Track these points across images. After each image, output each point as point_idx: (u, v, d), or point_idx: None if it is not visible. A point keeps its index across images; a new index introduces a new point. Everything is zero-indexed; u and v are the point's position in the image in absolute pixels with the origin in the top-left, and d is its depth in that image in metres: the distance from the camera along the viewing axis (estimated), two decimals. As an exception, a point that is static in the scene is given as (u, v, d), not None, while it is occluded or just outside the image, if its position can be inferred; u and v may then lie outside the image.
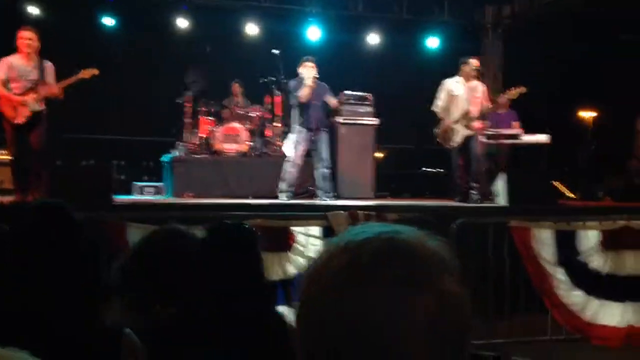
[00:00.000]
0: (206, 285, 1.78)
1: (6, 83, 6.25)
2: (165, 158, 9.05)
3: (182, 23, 10.82)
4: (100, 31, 10.71)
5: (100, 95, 10.29)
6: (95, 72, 6.67)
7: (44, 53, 6.81)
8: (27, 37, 6.31)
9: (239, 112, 9.28)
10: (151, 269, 1.85)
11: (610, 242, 4.56)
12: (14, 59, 6.35)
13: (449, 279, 0.78)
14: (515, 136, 8.00)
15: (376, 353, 0.73)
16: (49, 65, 6.52)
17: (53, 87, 6.38)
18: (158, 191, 8.77)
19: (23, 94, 6.26)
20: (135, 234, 4.06)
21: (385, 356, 0.73)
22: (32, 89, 6.31)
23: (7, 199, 5.94)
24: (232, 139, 8.94)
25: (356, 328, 0.74)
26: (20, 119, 6.22)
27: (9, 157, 8.47)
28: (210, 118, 9.22)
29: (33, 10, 10.23)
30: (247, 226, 1.99)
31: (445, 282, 0.77)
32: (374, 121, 8.94)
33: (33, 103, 6.26)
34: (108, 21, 10.66)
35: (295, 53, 8.45)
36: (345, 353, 0.74)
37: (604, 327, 4.59)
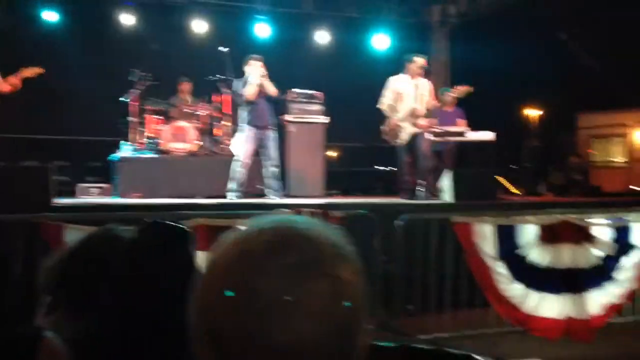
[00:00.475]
0: (134, 290, 1.72)
1: None
2: (111, 158, 8.86)
3: (127, 19, 10.60)
4: (43, 28, 10.41)
5: (44, 93, 10.00)
6: (40, 70, 6.39)
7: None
8: None
9: (186, 110, 9.15)
10: (81, 273, 1.78)
11: (549, 236, 4.67)
12: None
13: (344, 267, 0.78)
14: (461, 134, 8.13)
15: (267, 341, 0.73)
16: None
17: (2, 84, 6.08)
18: (104, 192, 8.57)
19: None
20: (73, 235, 3.95)
21: (277, 344, 0.73)
22: None
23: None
24: (180, 138, 8.82)
25: (248, 317, 0.73)
26: None
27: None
28: (157, 117, 9.07)
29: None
30: (180, 226, 1.92)
31: (339, 269, 0.77)
32: (324, 119, 8.96)
33: None
34: (50, 16, 10.36)
35: (244, 51, 8.40)
36: (236, 343, 0.74)
37: (544, 319, 4.70)
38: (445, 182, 6.96)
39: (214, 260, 0.80)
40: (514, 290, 4.64)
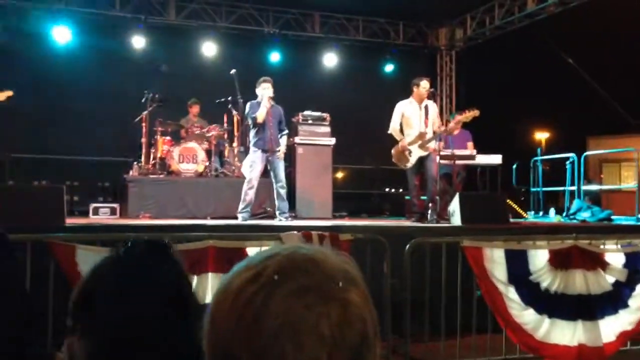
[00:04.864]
0: (122, 312, 1.71)
1: None
2: (121, 178, 8.91)
3: (138, 42, 10.72)
4: (56, 48, 10.53)
5: (57, 113, 10.13)
6: (10, 93, 6.22)
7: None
8: None
9: (196, 131, 9.21)
10: (82, 301, 1.78)
11: (560, 262, 4.63)
12: None
13: (353, 289, 0.80)
14: (469, 157, 8.13)
15: None
16: None
17: None
18: (114, 212, 8.60)
19: None
20: (84, 256, 3.96)
21: None
22: None
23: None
24: (189, 159, 8.86)
25: (261, 340, 0.75)
26: None
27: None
28: (167, 138, 9.12)
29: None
30: (161, 241, 1.89)
31: (349, 292, 0.79)
32: (331, 141, 8.99)
33: None
34: (63, 37, 10.46)
35: (254, 73, 8.48)
36: None
37: (556, 346, 4.64)
38: (454, 205, 6.94)
39: (225, 285, 0.82)
40: (527, 316, 4.59)
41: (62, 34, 10.42)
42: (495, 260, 4.60)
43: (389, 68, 12.38)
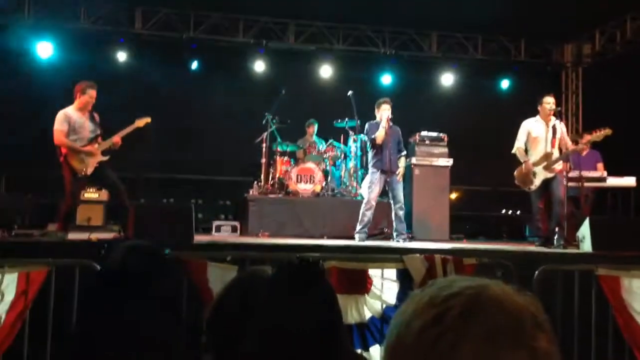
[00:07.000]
0: (277, 332, 1.75)
1: (68, 135, 6.36)
2: (242, 197, 9.25)
3: (260, 66, 11.15)
4: (184, 74, 11.16)
5: (182, 134, 10.69)
6: (148, 120, 6.76)
7: (131, 95, 7.00)
8: (93, 96, 6.49)
9: (313, 152, 9.39)
10: (224, 321, 1.85)
11: None
12: (71, 112, 6.45)
13: (541, 335, 0.76)
14: (599, 179, 7.67)
15: None
16: (97, 116, 6.64)
17: (114, 137, 6.55)
18: (235, 230, 8.93)
19: (85, 145, 6.42)
20: (215, 272, 4.14)
21: None
22: (93, 140, 6.47)
23: (95, 235, 6.16)
24: (307, 179, 9.04)
25: None
26: (88, 170, 6.36)
27: (96, 196, 8.87)
28: (285, 158, 9.37)
29: (121, 56, 10.79)
30: (314, 261, 1.92)
31: (537, 339, 0.75)
32: (449, 162, 8.83)
33: (99, 154, 6.43)
34: (191, 63, 11.11)
35: (370, 94, 8.52)
36: None
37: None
38: (584, 230, 6.56)
39: (405, 323, 0.79)
40: (670, 352, 4.24)
41: (190, 61, 11.08)
42: (635, 291, 4.30)
43: (507, 85, 12.03)
